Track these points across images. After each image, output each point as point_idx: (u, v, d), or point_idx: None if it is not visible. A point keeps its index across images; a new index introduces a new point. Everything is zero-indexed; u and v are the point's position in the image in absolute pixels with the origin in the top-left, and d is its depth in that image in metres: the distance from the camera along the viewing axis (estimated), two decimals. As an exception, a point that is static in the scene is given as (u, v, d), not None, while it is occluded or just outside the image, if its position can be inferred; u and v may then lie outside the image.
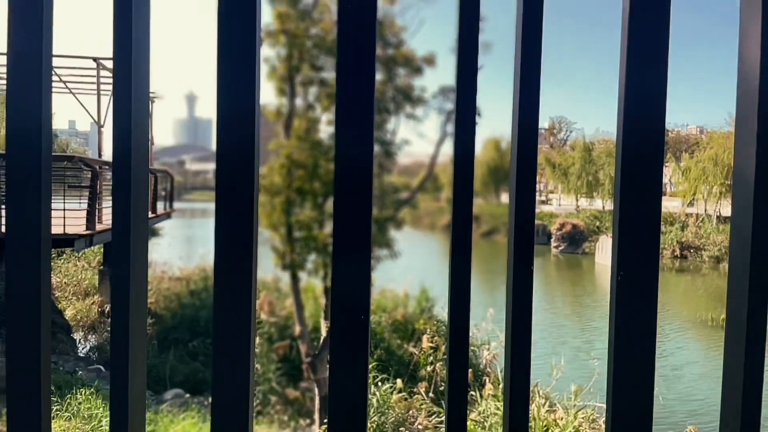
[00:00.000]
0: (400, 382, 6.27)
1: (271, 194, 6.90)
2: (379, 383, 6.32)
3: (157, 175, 13.65)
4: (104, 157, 13.27)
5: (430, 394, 6.25)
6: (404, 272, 11.37)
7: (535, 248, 1.09)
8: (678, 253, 27.62)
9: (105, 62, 11.90)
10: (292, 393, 7.72)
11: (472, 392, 6.08)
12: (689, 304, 18.60)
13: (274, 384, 7.80)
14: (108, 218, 10.28)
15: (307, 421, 7.47)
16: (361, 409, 1.00)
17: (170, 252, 17.85)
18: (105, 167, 10.30)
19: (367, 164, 0.97)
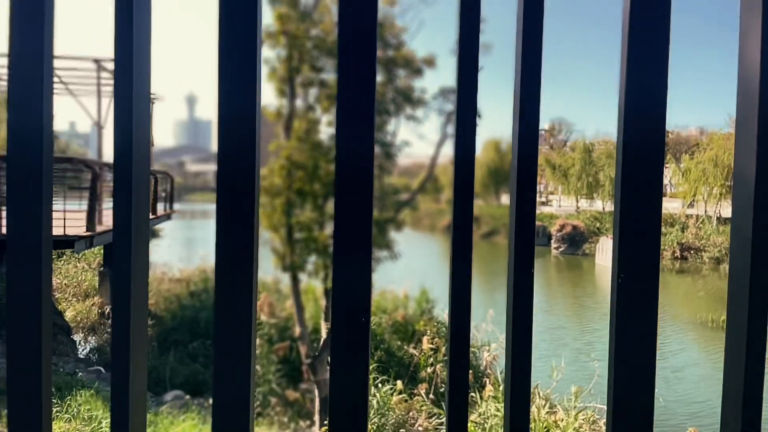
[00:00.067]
0: (400, 384, 6.26)
1: (272, 195, 6.90)
2: (380, 384, 6.31)
3: (157, 176, 13.65)
4: (104, 158, 13.28)
5: (431, 396, 6.24)
6: (404, 274, 11.37)
7: (535, 249, 1.09)
8: (678, 254, 27.61)
9: (105, 63, 11.92)
10: (292, 394, 7.71)
11: (472, 394, 6.07)
12: (689, 306, 18.59)
13: (274, 385, 7.79)
14: (108, 219, 10.28)
15: (307, 422, 7.46)
16: (361, 411, 1.00)
17: (170, 253, 17.84)
18: (105, 168, 10.31)
19: (368, 165, 0.97)
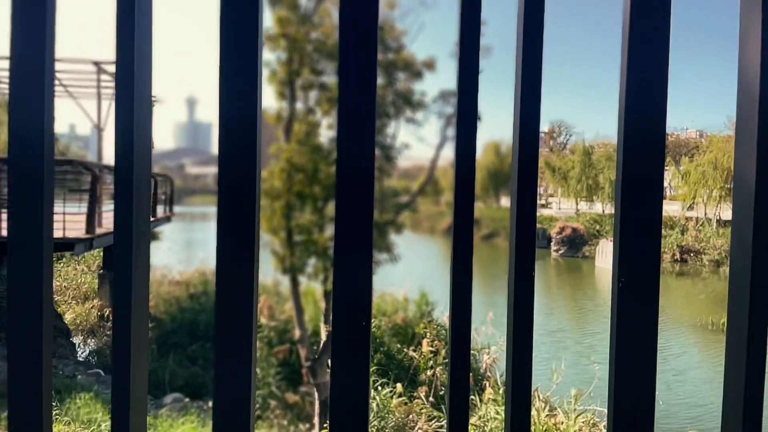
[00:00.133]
0: (400, 387, 6.25)
1: (272, 198, 6.90)
2: (379, 387, 6.30)
3: (157, 178, 13.66)
4: (104, 161, 13.28)
5: (431, 399, 6.23)
6: (404, 276, 11.36)
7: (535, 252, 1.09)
8: (678, 256, 27.60)
9: (105, 66, 11.93)
10: (292, 397, 7.70)
11: (472, 397, 6.06)
12: (690, 308, 18.58)
13: (274, 388, 7.78)
14: (108, 222, 10.27)
15: (307, 425, 7.45)
16: (362, 414, 1.00)
17: (170, 256, 17.83)
18: (105, 171, 10.31)
19: (369, 168, 0.97)
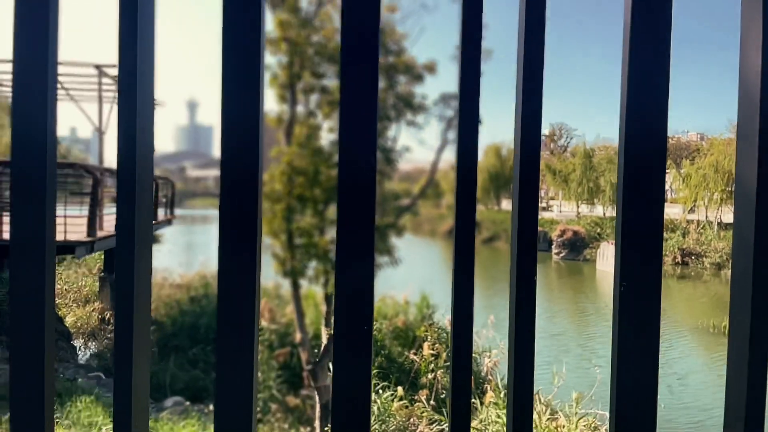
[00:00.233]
0: (401, 390, 6.24)
1: (272, 201, 6.91)
2: (380, 391, 6.29)
3: (158, 181, 13.66)
4: (105, 164, 13.29)
5: (432, 402, 6.22)
6: (405, 279, 11.35)
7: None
8: (679, 259, 27.57)
9: (106, 69, 11.95)
10: (293, 400, 7.68)
11: (473, 400, 6.05)
12: (691, 311, 18.54)
13: (275, 391, 7.76)
14: (109, 225, 10.28)
15: (308, 429, 7.43)
16: (364, 418, 1.00)
17: (171, 259, 17.82)
18: (106, 174, 10.33)
19: (370, 172, 0.97)
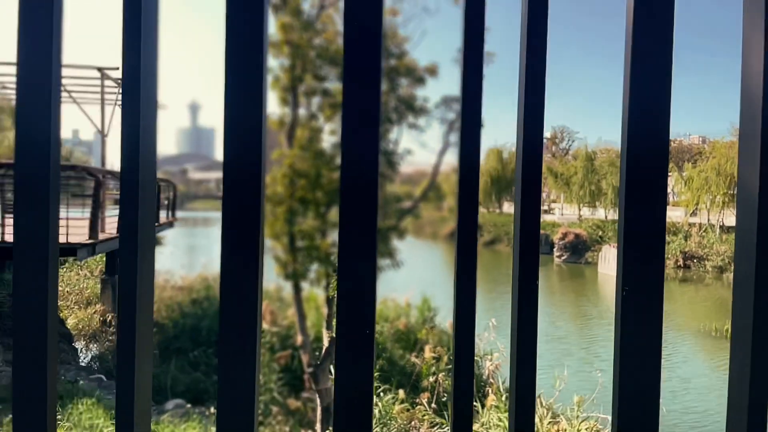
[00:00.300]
0: (402, 393, 6.23)
1: (274, 204, 6.91)
2: (381, 394, 6.28)
3: (159, 184, 13.68)
4: (107, 166, 13.32)
5: (433, 405, 6.21)
6: (406, 281, 11.34)
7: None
8: (681, 263, 27.51)
9: (109, 72, 11.99)
10: (294, 403, 7.67)
11: (475, 403, 6.04)
12: (693, 315, 18.50)
13: (276, 394, 7.75)
14: (110, 227, 10.30)
15: (309, 431, 7.42)
16: (365, 422, 1.00)
17: (172, 261, 17.83)
18: (108, 176, 10.34)
19: (373, 176, 0.97)
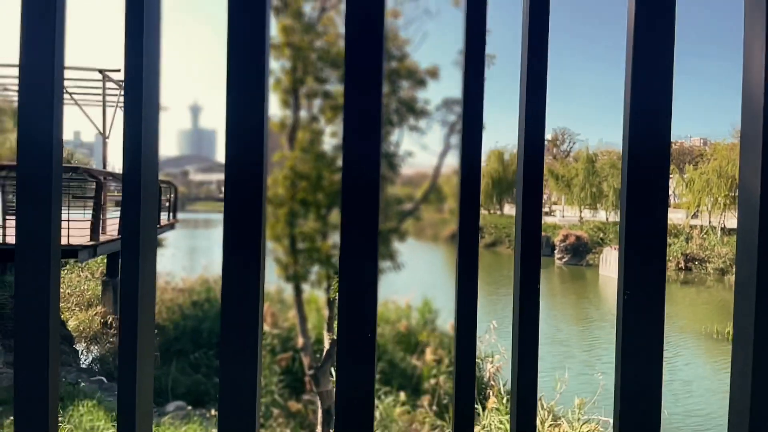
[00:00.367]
0: (403, 395, 6.22)
1: (275, 206, 6.91)
2: (382, 396, 6.27)
3: (160, 185, 13.69)
4: (109, 168, 13.33)
5: (434, 408, 6.20)
6: (407, 283, 11.33)
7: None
8: (683, 265, 27.48)
9: (110, 74, 12.01)
10: (295, 405, 7.66)
11: (475, 405, 6.02)
12: (695, 317, 18.47)
13: (277, 396, 7.75)
14: (111, 229, 10.31)
15: (310, 434, 7.41)
16: (367, 425, 0.99)
17: (173, 263, 17.85)
18: (109, 178, 10.36)
19: (374, 179, 0.97)
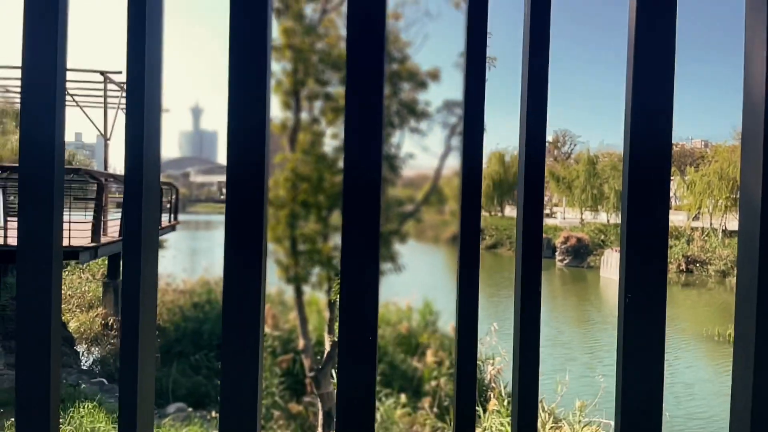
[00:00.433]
0: (404, 397, 6.22)
1: (276, 207, 6.91)
2: (383, 398, 6.27)
3: (161, 187, 13.70)
4: (110, 170, 13.34)
5: (434, 410, 6.19)
6: (408, 285, 11.32)
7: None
8: (684, 267, 27.44)
9: (112, 76, 12.02)
10: (295, 407, 7.65)
11: (476, 407, 6.02)
12: (696, 319, 18.44)
13: (277, 398, 7.74)
14: (112, 231, 10.31)
15: (310, 436, 7.39)
16: (368, 428, 0.99)
17: (174, 264, 17.85)
18: (110, 180, 10.37)
19: (376, 181, 0.97)
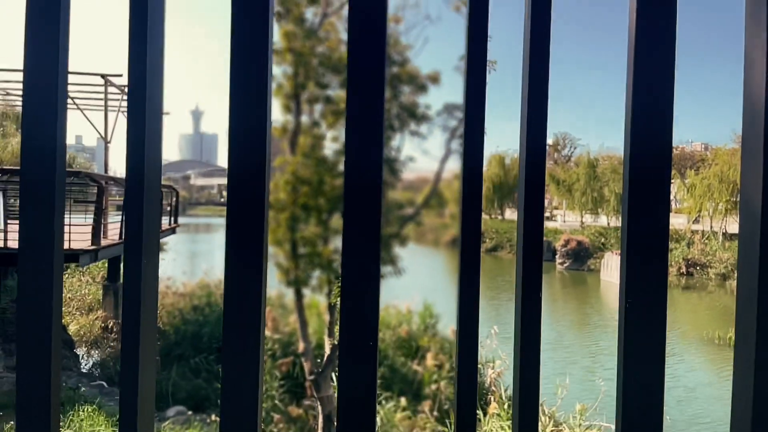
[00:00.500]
0: (404, 401, 6.20)
1: (276, 210, 6.91)
2: (383, 401, 6.25)
3: (162, 190, 13.70)
4: (110, 173, 13.35)
5: (435, 413, 6.18)
6: (408, 288, 11.31)
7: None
8: (684, 270, 27.41)
9: (112, 79, 12.05)
10: (295, 410, 7.64)
11: (477, 411, 6.00)
12: (696, 322, 18.41)
13: (277, 401, 7.72)
14: (113, 233, 10.31)
15: (310, 439, 7.37)
16: (368, 431, 0.99)
17: (174, 267, 17.84)
18: (111, 183, 10.37)
19: (377, 184, 0.97)
